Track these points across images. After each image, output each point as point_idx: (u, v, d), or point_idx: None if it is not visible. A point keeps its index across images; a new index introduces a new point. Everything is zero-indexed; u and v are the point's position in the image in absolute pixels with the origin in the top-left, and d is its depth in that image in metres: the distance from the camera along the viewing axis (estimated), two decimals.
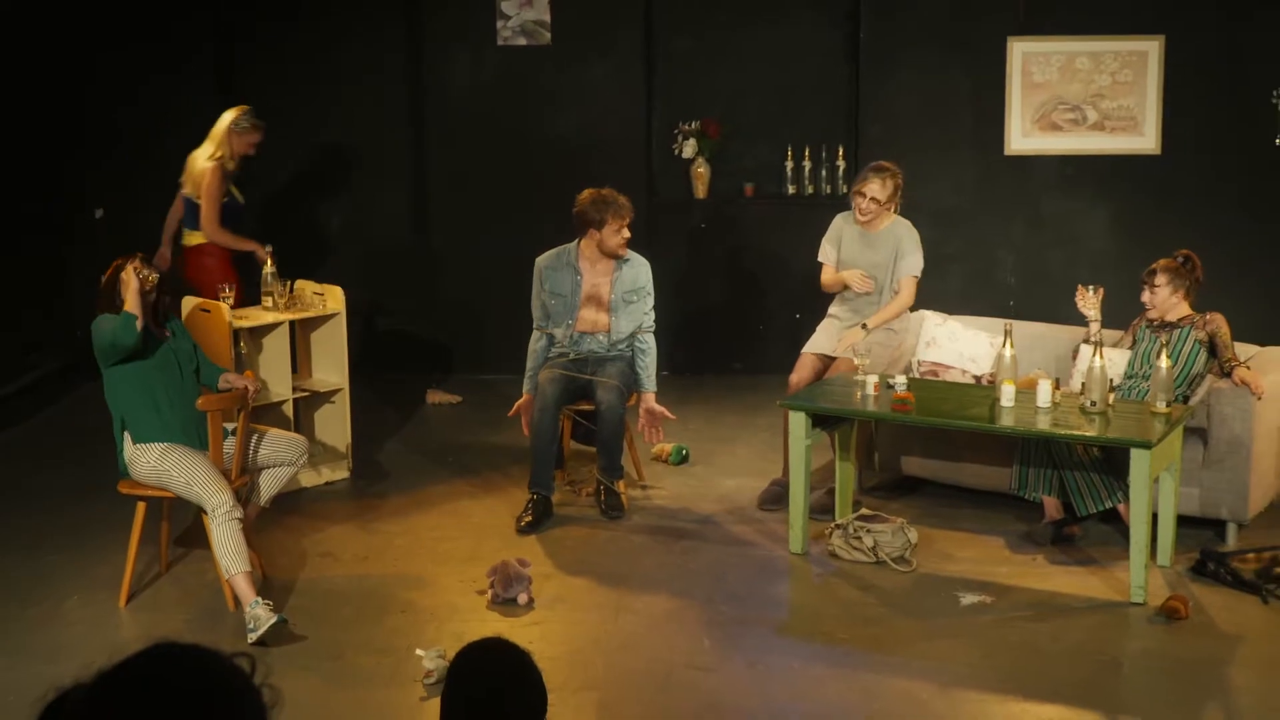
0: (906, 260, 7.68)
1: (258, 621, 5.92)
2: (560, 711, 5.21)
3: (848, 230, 7.84)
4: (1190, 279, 7.21)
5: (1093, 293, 7.29)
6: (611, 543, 7.23)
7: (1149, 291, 7.21)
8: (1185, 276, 7.19)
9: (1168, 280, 7.16)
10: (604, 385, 7.44)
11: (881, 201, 7.66)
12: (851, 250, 7.79)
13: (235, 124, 8.37)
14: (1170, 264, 7.21)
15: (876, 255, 7.72)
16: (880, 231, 7.74)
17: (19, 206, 9.42)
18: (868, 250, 7.74)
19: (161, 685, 1.87)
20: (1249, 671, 5.76)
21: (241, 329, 7.61)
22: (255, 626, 5.92)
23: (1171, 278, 7.17)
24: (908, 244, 7.69)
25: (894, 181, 7.68)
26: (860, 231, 7.77)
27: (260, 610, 5.96)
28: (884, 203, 7.67)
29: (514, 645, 3.21)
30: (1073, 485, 6.90)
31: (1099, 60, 9.91)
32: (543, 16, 10.21)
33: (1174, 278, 7.17)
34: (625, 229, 7.53)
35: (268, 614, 5.94)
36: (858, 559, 6.84)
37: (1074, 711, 5.35)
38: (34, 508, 7.73)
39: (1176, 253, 7.29)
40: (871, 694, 5.53)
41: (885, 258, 7.72)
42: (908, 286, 7.70)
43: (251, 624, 5.94)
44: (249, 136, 8.45)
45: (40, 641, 6.05)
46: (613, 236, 7.51)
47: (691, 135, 10.39)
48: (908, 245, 7.69)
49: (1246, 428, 6.87)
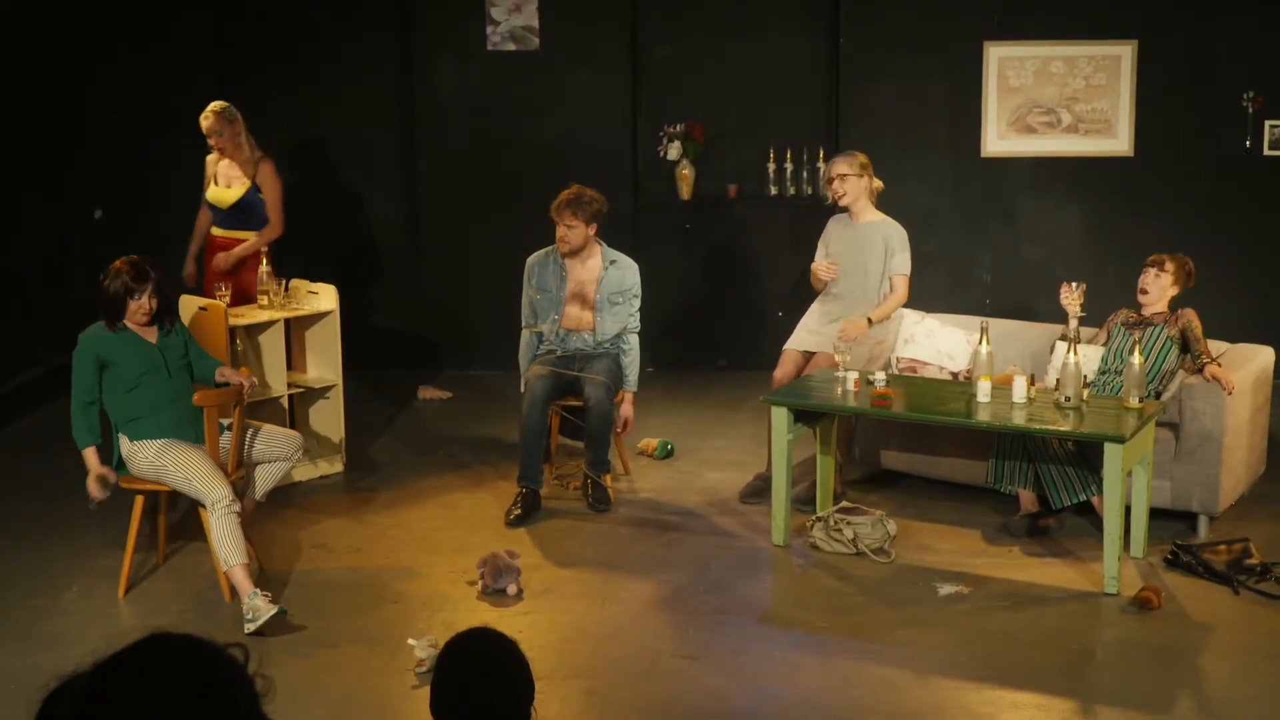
0: (896, 259, 7.79)
1: (256, 612, 5.98)
2: (548, 699, 5.30)
3: (836, 231, 7.97)
4: (1187, 279, 7.29)
5: (1076, 289, 7.39)
6: (598, 535, 7.30)
7: (1153, 276, 7.25)
8: (1184, 275, 7.28)
9: (1173, 271, 7.24)
10: (592, 381, 7.55)
11: (849, 175, 7.77)
12: (840, 248, 7.91)
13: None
14: (1179, 258, 7.29)
15: (864, 253, 7.83)
16: (868, 230, 7.84)
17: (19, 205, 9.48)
18: (856, 248, 7.85)
19: (157, 674, 1.90)
20: (1220, 660, 5.83)
21: (238, 327, 7.72)
22: (254, 617, 5.98)
23: (1176, 271, 7.25)
24: (896, 243, 7.80)
25: (857, 159, 7.83)
26: (848, 231, 7.89)
27: (259, 601, 6.02)
28: (854, 175, 7.78)
29: (501, 634, 3.28)
30: (1048, 478, 7.00)
31: (1073, 64, 10.03)
32: (531, 22, 10.30)
33: (1178, 271, 7.26)
34: (564, 226, 7.59)
35: (267, 605, 6.00)
36: (838, 550, 6.92)
37: (1048, 698, 5.42)
38: (35, 501, 7.79)
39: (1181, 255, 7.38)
40: (851, 681, 5.60)
41: (873, 256, 7.81)
42: (900, 284, 7.82)
43: (250, 614, 6.00)
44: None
45: (41, 631, 6.11)
46: (560, 233, 7.65)
47: (676, 138, 10.46)
48: (896, 244, 7.80)
49: (1217, 422, 6.96)
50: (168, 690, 1.88)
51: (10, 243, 9.34)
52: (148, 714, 1.86)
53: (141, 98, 10.26)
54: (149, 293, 6.32)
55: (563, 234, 7.61)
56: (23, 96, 9.46)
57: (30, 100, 9.52)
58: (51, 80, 9.72)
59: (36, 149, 9.66)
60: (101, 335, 6.37)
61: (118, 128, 10.27)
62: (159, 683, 1.89)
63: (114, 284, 6.32)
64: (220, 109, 8.30)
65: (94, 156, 10.22)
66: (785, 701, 5.50)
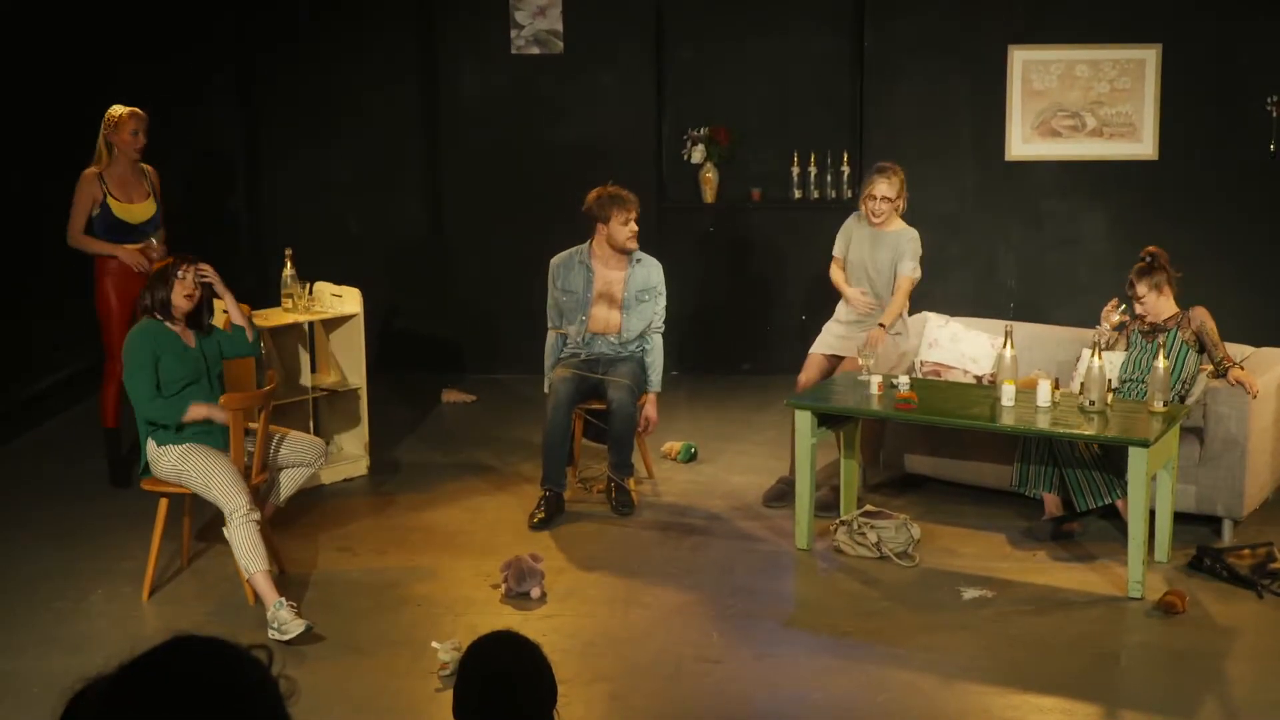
0: (903, 263, 7.79)
1: (283, 625, 5.98)
2: (571, 702, 5.30)
3: (858, 231, 7.96)
4: (1164, 273, 7.22)
5: (1115, 307, 7.36)
6: (622, 538, 7.31)
7: (1137, 304, 7.23)
8: (1159, 272, 7.21)
9: (1148, 284, 7.18)
10: (615, 384, 7.56)
11: (892, 199, 7.79)
12: (860, 250, 7.90)
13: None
14: (1141, 267, 7.21)
15: (881, 257, 7.84)
16: (888, 235, 7.85)
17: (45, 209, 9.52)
18: (875, 251, 7.85)
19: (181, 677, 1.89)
20: (1244, 664, 5.82)
21: (263, 330, 7.73)
22: (281, 631, 5.97)
23: (1149, 280, 7.19)
24: (906, 249, 7.79)
25: (898, 178, 7.83)
26: (869, 233, 7.89)
27: (285, 613, 6.01)
28: (894, 199, 7.80)
29: (525, 638, 3.29)
30: (1073, 482, 6.98)
31: (1098, 68, 10.01)
32: (555, 26, 10.32)
33: (1151, 278, 7.19)
34: (631, 221, 7.64)
35: (294, 620, 5.99)
36: (862, 554, 6.92)
37: (1073, 703, 5.42)
38: (60, 504, 7.81)
39: (1141, 254, 7.29)
40: (877, 685, 5.60)
41: (889, 260, 7.83)
42: (903, 287, 7.79)
43: (275, 624, 5.99)
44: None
45: (66, 634, 6.13)
46: (620, 229, 7.64)
47: (700, 141, 10.48)
48: (905, 250, 7.79)
49: (1242, 426, 6.95)
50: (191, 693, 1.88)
51: (35, 248, 9.38)
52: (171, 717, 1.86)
53: (164, 104, 10.28)
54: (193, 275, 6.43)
55: (635, 230, 7.67)
56: (47, 103, 9.51)
57: (54, 107, 9.56)
58: (75, 86, 9.75)
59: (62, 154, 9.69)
60: (152, 328, 6.40)
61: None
62: (182, 685, 1.89)
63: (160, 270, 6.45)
64: (143, 112, 7.96)
65: None
66: (809, 705, 5.50)
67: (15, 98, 9.20)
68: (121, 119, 7.88)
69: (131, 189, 7.96)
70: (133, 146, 7.90)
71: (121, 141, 7.88)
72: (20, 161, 9.29)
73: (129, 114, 7.89)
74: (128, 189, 7.95)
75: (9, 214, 9.13)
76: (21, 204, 9.27)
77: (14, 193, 9.20)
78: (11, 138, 9.16)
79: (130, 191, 7.95)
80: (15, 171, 9.23)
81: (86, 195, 7.87)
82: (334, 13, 10.60)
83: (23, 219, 9.27)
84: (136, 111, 7.93)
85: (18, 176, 9.26)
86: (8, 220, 9.12)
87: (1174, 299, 7.26)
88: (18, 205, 9.24)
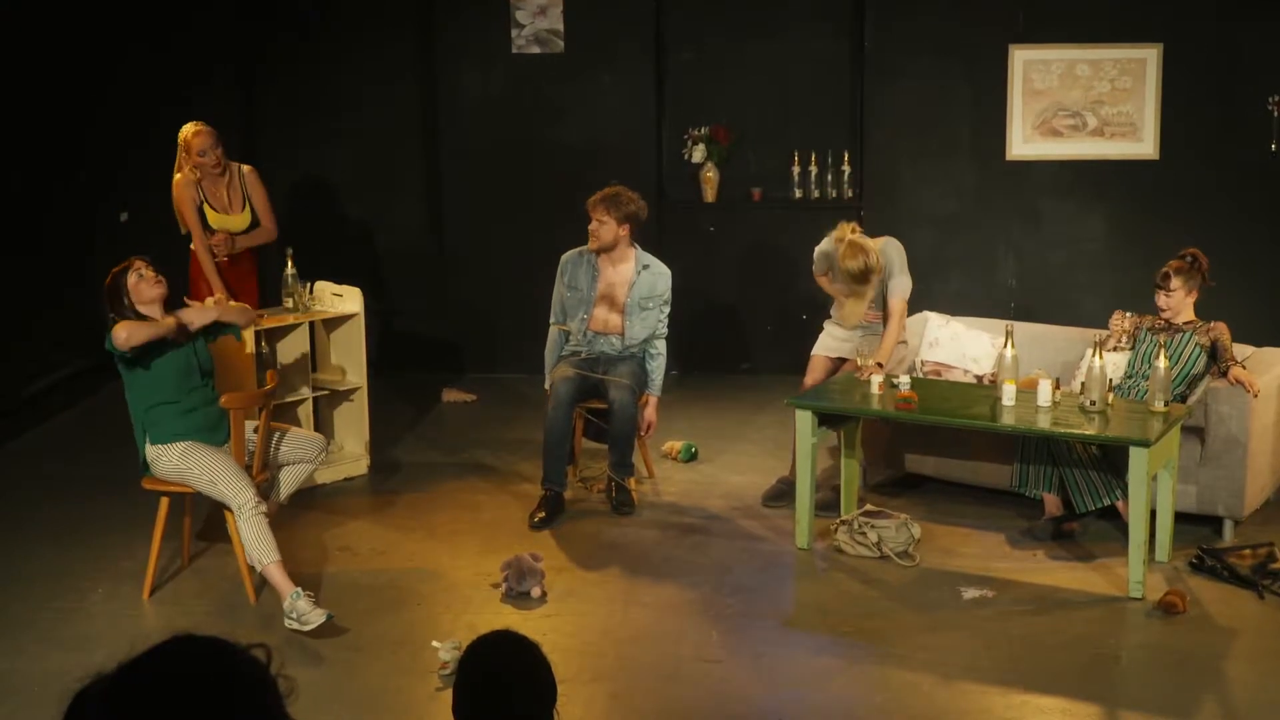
0: (895, 280, 7.55)
1: (303, 615, 5.98)
2: (571, 702, 5.30)
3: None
4: (1199, 277, 7.25)
5: (1126, 317, 7.38)
6: (622, 538, 7.31)
7: (1164, 295, 7.22)
8: (1195, 275, 7.24)
9: (1182, 281, 7.20)
10: (616, 384, 7.56)
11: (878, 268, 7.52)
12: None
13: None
14: (1180, 265, 7.23)
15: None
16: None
17: (46, 209, 9.54)
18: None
19: (180, 676, 1.91)
20: (1244, 664, 5.81)
21: (262, 330, 7.75)
22: (301, 621, 5.97)
23: (1185, 279, 7.21)
24: (896, 264, 7.57)
25: (872, 256, 7.40)
26: None
27: (303, 604, 6.01)
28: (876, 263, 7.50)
29: (524, 637, 3.29)
30: (1072, 482, 6.98)
31: (1099, 67, 10.00)
32: (556, 25, 10.33)
33: (1187, 278, 7.21)
34: (594, 220, 7.61)
35: (314, 610, 5.99)
36: (862, 554, 6.92)
37: (1073, 702, 5.41)
38: (61, 503, 7.83)
39: (1183, 252, 7.29)
40: (876, 685, 5.61)
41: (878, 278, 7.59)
42: (896, 311, 7.56)
43: (293, 615, 6.00)
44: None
45: (66, 633, 6.13)
46: (591, 227, 7.65)
47: (701, 141, 10.49)
48: (895, 265, 7.57)
49: (1243, 426, 6.95)
50: (191, 692, 1.90)
51: (36, 246, 9.39)
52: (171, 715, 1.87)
53: (163, 102, 10.31)
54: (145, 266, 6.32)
55: (593, 229, 7.63)
56: (46, 99, 9.52)
57: (53, 103, 9.57)
58: (74, 83, 9.77)
59: (61, 152, 9.71)
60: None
61: (141, 130, 10.31)
62: (182, 684, 1.90)
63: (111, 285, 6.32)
64: (210, 128, 7.93)
65: (118, 159, 10.26)
66: (809, 705, 5.49)
67: (15, 98, 9.20)
68: (188, 141, 7.88)
69: (227, 198, 8.01)
70: (209, 165, 7.90)
71: (196, 164, 7.89)
72: (20, 161, 9.28)
73: (194, 134, 7.87)
74: (222, 198, 8.00)
75: (9, 214, 9.13)
76: (22, 203, 9.28)
77: (14, 192, 9.20)
78: (12, 138, 9.16)
79: (225, 200, 8.00)
80: (15, 171, 9.23)
81: (189, 203, 7.90)
82: (334, 12, 10.60)
83: (23, 218, 9.27)
84: (201, 130, 7.88)
85: (18, 176, 9.25)
86: (8, 220, 9.12)
87: (1194, 307, 7.28)
88: (18, 205, 9.24)
